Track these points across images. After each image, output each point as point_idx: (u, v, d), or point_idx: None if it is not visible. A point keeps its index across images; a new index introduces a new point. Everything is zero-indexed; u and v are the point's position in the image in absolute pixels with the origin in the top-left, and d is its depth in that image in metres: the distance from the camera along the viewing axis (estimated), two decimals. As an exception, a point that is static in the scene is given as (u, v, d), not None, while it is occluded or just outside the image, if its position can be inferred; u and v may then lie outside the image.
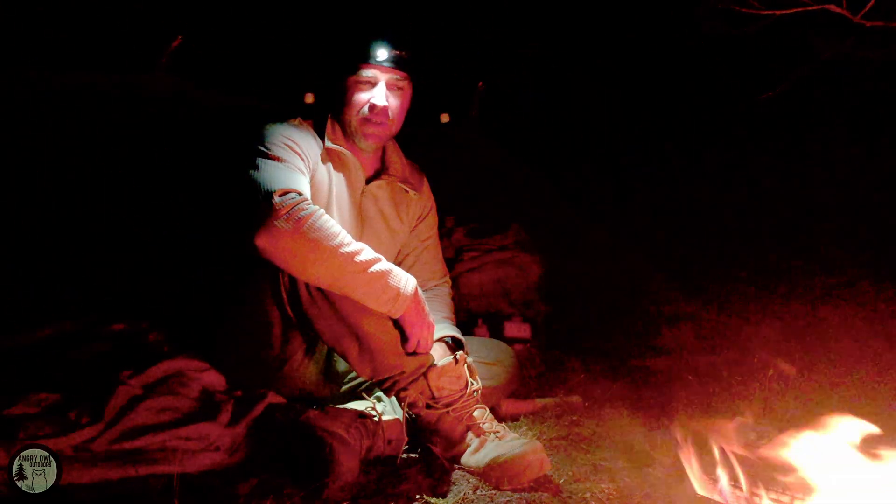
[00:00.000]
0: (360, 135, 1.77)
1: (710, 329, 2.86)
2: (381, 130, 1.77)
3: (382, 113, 1.74)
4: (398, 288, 1.53)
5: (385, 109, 1.74)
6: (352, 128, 1.77)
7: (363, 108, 1.74)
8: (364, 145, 1.79)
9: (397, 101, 1.77)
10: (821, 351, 2.42)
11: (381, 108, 1.73)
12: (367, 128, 1.75)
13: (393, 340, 1.57)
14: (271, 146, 1.63)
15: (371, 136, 1.77)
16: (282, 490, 1.38)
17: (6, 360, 1.74)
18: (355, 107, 1.75)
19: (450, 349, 1.72)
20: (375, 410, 1.61)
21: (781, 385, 2.04)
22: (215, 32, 4.53)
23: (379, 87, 1.74)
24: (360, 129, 1.76)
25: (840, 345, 2.49)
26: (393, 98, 1.76)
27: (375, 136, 1.78)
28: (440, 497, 1.44)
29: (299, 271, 1.49)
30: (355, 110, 1.75)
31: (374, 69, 1.73)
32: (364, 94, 1.74)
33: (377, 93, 1.73)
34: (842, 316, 2.89)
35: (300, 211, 1.45)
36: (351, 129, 1.77)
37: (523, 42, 6.02)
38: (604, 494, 1.46)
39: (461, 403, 1.62)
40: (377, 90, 1.73)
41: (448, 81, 4.51)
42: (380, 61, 1.72)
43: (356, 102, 1.75)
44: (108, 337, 1.88)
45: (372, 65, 1.72)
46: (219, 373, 1.74)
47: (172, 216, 2.54)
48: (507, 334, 2.60)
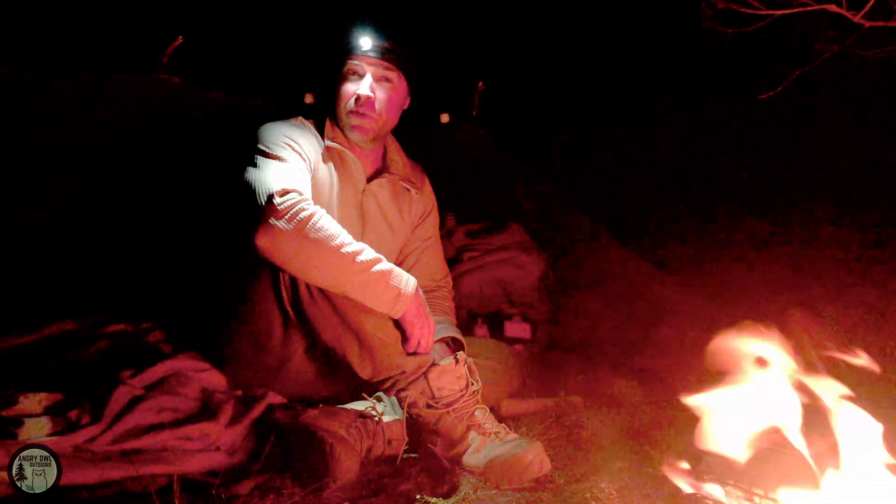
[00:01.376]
0: (349, 127, 1.77)
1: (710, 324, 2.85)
2: (367, 122, 1.76)
3: (368, 104, 1.73)
4: (399, 288, 1.53)
5: (370, 100, 1.73)
6: (342, 121, 1.77)
7: (350, 100, 1.75)
8: (354, 138, 1.79)
9: (385, 94, 1.77)
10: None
11: (365, 97, 1.73)
12: (353, 119, 1.75)
13: (393, 340, 1.57)
14: (272, 146, 1.63)
15: (358, 128, 1.76)
16: (282, 490, 1.38)
17: (6, 360, 1.74)
18: (343, 99, 1.76)
19: (450, 349, 1.73)
20: (375, 410, 1.61)
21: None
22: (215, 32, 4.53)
23: (365, 79, 1.74)
24: (347, 121, 1.76)
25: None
26: (380, 90, 1.76)
27: (362, 129, 1.77)
28: (440, 497, 1.44)
29: (300, 271, 1.49)
30: (343, 102, 1.76)
31: (360, 59, 1.74)
32: (351, 85, 1.75)
33: (363, 84, 1.74)
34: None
35: (301, 211, 1.45)
36: (341, 122, 1.78)
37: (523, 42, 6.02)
38: (604, 494, 1.46)
39: (462, 403, 1.62)
40: (363, 81, 1.74)
41: (448, 81, 4.51)
42: (364, 51, 1.73)
43: (344, 94, 1.75)
44: (108, 337, 1.88)
45: (357, 55, 1.73)
46: (219, 373, 1.74)
47: (173, 216, 2.53)
48: (507, 334, 2.60)
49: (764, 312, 2.50)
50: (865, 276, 3.27)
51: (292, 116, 1.80)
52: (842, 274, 3.29)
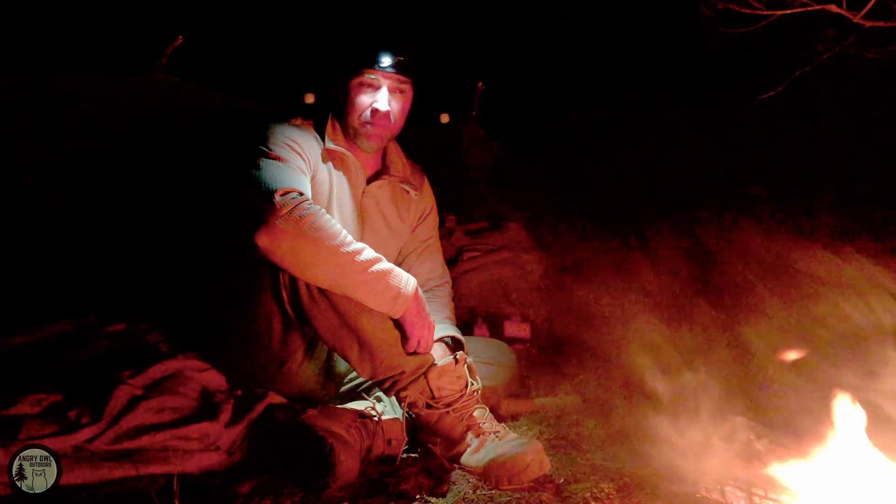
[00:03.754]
0: (363, 136, 1.77)
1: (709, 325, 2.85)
2: (382, 132, 1.78)
3: (385, 117, 1.74)
4: (399, 288, 1.53)
5: (387, 114, 1.74)
6: (353, 130, 1.77)
7: (365, 111, 1.75)
8: (366, 146, 1.80)
9: (399, 105, 1.78)
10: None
11: (383, 112, 1.73)
12: (368, 130, 1.76)
13: (393, 340, 1.57)
14: (272, 146, 1.63)
15: (373, 137, 1.78)
16: (282, 490, 1.38)
17: (6, 360, 1.74)
18: (358, 110, 1.75)
19: (450, 349, 1.73)
20: (375, 410, 1.61)
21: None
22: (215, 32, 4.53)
23: (382, 92, 1.74)
24: (361, 130, 1.77)
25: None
26: (395, 102, 1.76)
27: (377, 137, 1.78)
28: (440, 497, 1.44)
29: (300, 271, 1.49)
30: (357, 113, 1.75)
31: (378, 74, 1.73)
32: (366, 97, 1.74)
33: (380, 97, 1.73)
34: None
35: (301, 210, 1.45)
36: (352, 130, 1.78)
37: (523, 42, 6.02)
38: (604, 494, 1.46)
39: (461, 403, 1.62)
40: (380, 95, 1.74)
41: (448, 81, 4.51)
42: (384, 67, 1.72)
43: (359, 105, 1.75)
44: (108, 337, 1.88)
45: (376, 70, 1.72)
46: (219, 373, 1.74)
47: (172, 216, 2.53)
48: (507, 334, 2.60)
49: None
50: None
51: (292, 117, 1.80)
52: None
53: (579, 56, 6.04)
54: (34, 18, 3.83)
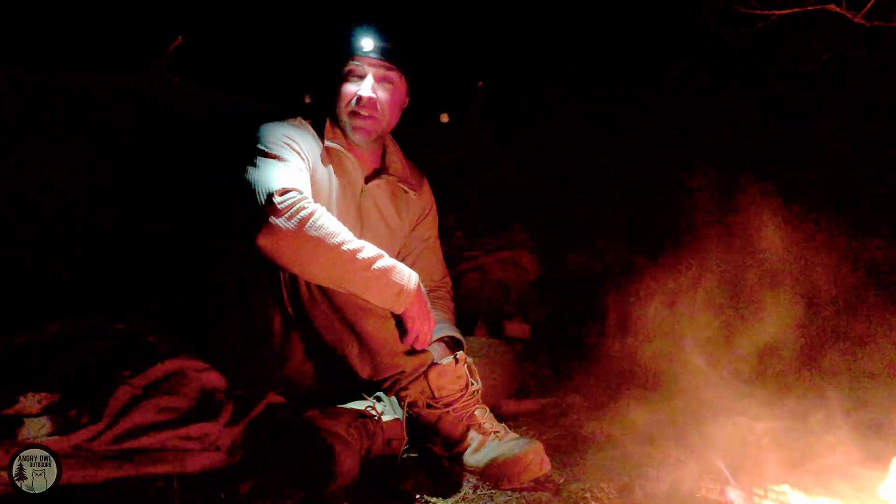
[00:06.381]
0: (350, 128, 1.77)
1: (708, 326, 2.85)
2: (369, 123, 1.77)
3: (370, 105, 1.74)
4: (402, 284, 1.53)
5: (373, 101, 1.74)
6: (342, 122, 1.78)
7: (351, 100, 1.75)
8: (355, 139, 1.79)
9: (386, 95, 1.77)
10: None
11: (367, 98, 1.73)
12: (355, 120, 1.76)
13: (393, 340, 1.57)
14: (271, 145, 1.63)
15: (360, 129, 1.77)
16: (282, 490, 1.38)
17: (6, 360, 1.74)
18: (344, 99, 1.76)
19: (450, 349, 1.73)
20: (375, 410, 1.61)
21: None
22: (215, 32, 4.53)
23: (367, 80, 1.74)
24: (349, 122, 1.77)
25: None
26: (382, 91, 1.76)
27: (364, 130, 1.77)
28: (440, 497, 1.44)
29: (301, 270, 1.49)
30: (344, 103, 1.76)
31: (361, 61, 1.74)
32: (352, 86, 1.75)
33: (364, 85, 1.74)
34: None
35: (301, 209, 1.45)
36: (342, 123, 1.78)
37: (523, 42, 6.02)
38: (604, 494, 1.46)
39: (461, 403, 1.62)
40: (365, 82, 1.74)
41: (448, 81, 4.51)
42: (365, 52, 1.73)
43: (345, 95, 1.75)
44: (108, 337, 1.88)
45: (358, 56, 1.73)
46: (219, 373, 1.74)
47: (172, 216, 2.53)
48: (507, 334, 2.60)
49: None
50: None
51: (291, 116, 1.80)
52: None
53: (579, 56, 6.04)
54: (33, 18, 3.83)
